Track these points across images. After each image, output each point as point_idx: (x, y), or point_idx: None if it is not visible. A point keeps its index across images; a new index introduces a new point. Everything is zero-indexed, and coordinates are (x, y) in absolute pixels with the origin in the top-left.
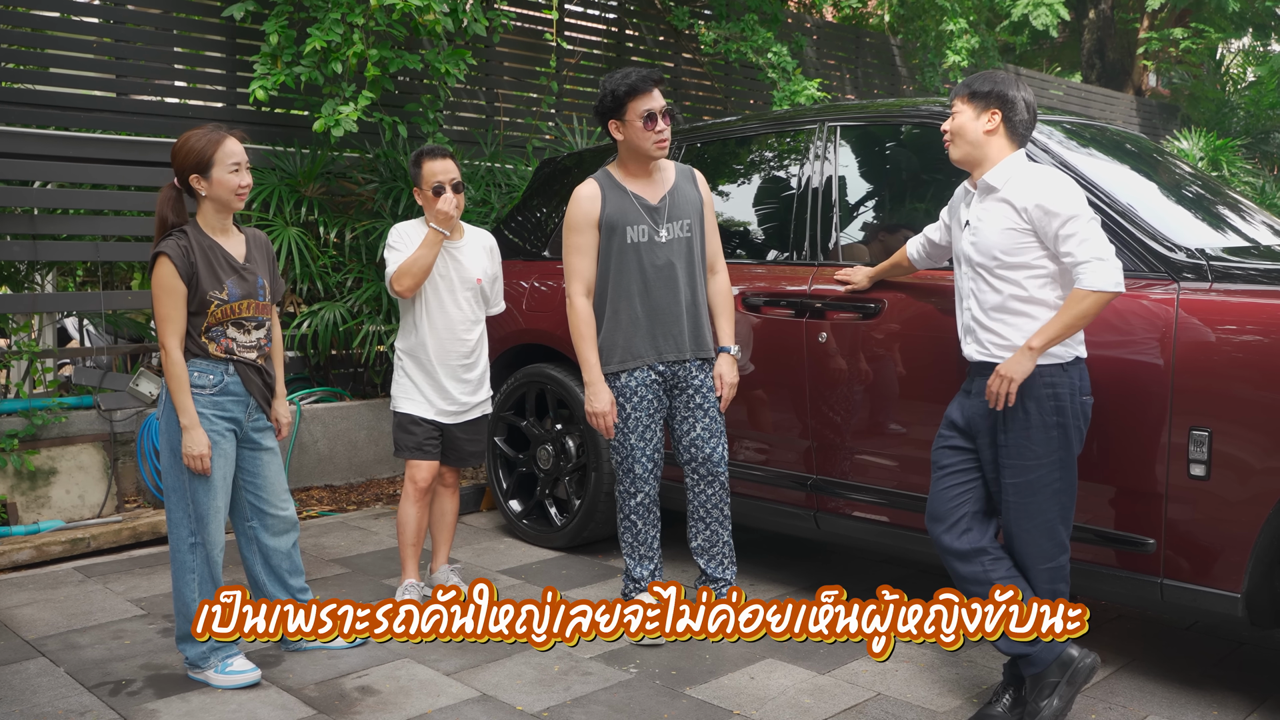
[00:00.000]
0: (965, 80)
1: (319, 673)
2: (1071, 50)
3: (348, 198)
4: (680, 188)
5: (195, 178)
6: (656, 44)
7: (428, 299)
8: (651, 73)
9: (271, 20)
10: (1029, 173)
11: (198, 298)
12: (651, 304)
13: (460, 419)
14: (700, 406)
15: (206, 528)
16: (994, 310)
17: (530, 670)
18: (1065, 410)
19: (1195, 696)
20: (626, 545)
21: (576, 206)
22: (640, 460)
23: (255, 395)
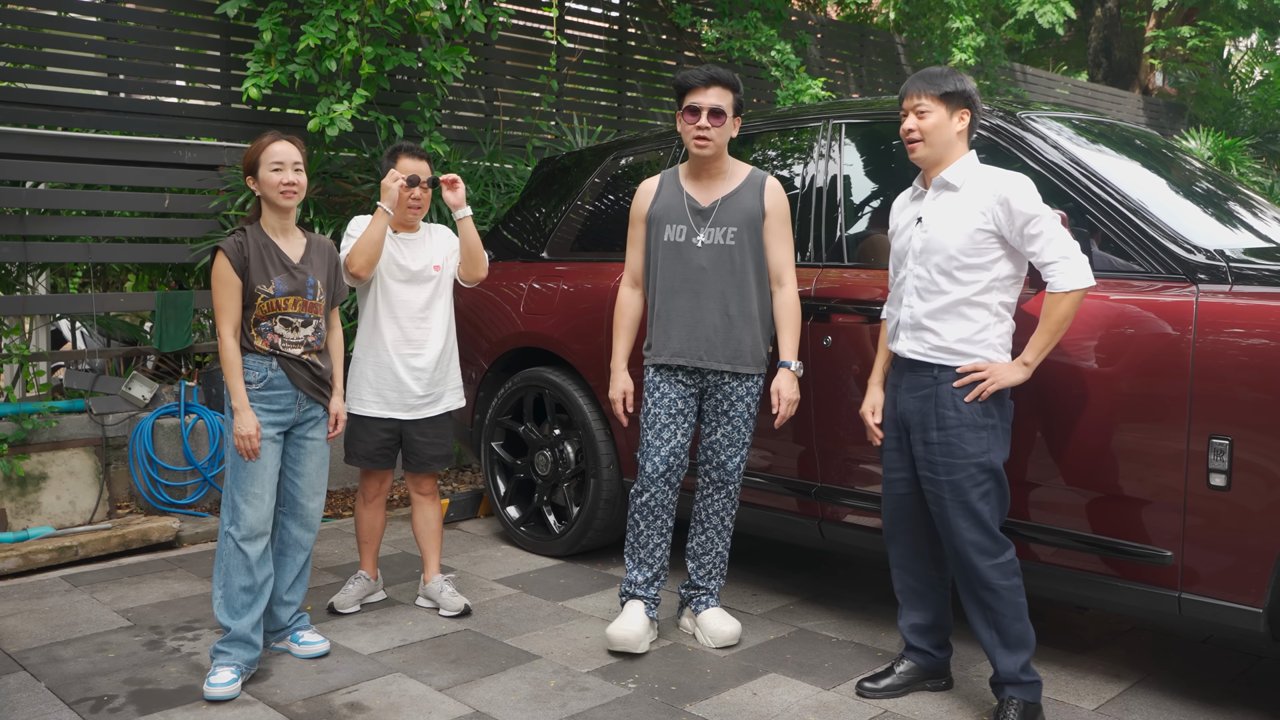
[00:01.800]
0: (922, 77)
1: (307, 688)
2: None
3: (343, 198)
4: (741, 195)
5: (250, 179)
6: (659, 42)
7: (383, 286)
8: (716, 71)
9: (265, 17)
10: (987, 172)
11: (247, 291)
12: (680, 305)
13: (416, 414)
14: (725, 414)
15: (242, 515)
16: (939, 311)
17: (525, 686)
18: (994, 412)
19: (1213, 713)
20: (627, 545)
21: (634, 198)
22: (652, 459)
23: (303, 389)
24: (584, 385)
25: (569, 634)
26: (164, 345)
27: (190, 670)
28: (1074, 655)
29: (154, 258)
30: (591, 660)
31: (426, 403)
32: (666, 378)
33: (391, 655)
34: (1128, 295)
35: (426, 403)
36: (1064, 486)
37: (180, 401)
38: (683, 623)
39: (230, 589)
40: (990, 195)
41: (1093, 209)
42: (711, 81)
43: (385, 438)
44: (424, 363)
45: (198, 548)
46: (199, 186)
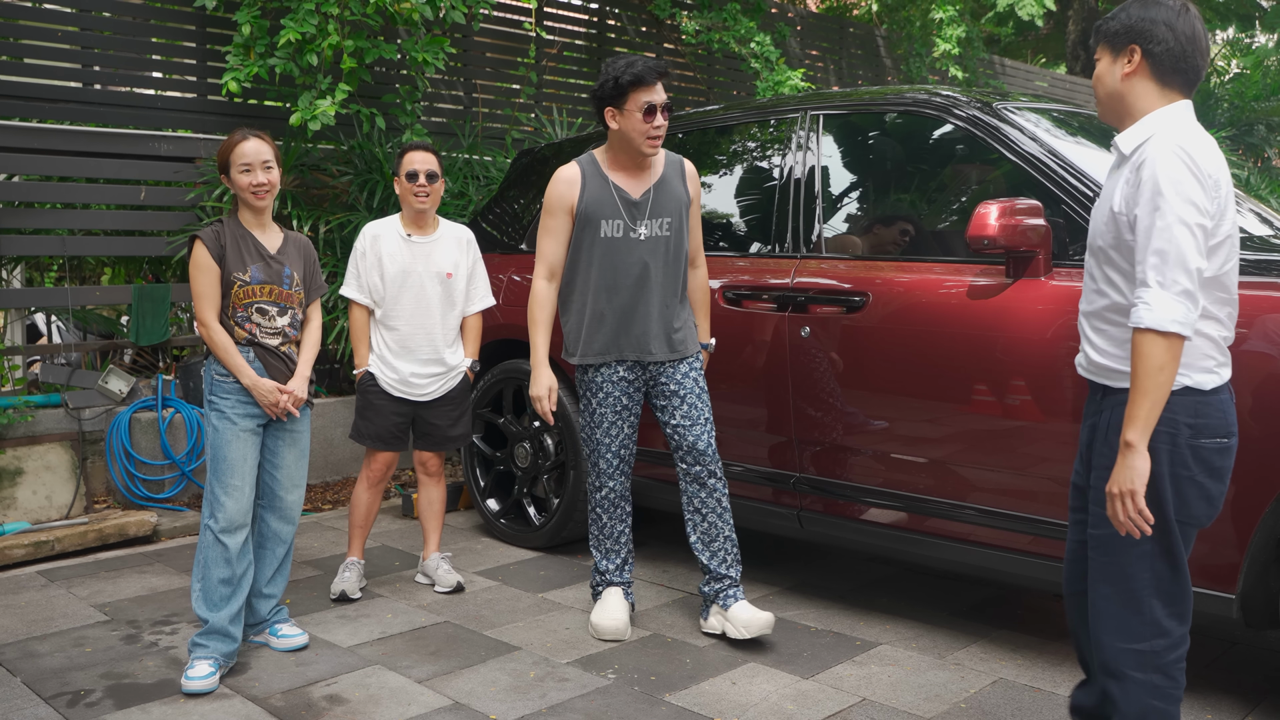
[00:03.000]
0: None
1: (286, 681)
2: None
3: (322, 190)
4: (667, 182)
5: (224, 177)
6: (639, 34)
7: (395, 295)
8: (658, 64)
9: (244, 10)
10: (1167, 134)
11: (224, 278)
12: (620, 303)
13: (425, 399)
14: (676, 394)
15: (222, 506)
16: (1096, 316)
17: (505, 677)
18: (1163, 456)
19: (1189, 699)
20: (593, 538)
21: (554, 188)
22: (605, 455)
23: (279, 379)
24: (563, 377)
25: (549, 625)
26: (141, 339)
27: (168, 664)
28: (1052, 642)
29: (130, 251)
30: (571, 651)
31: (430, 388)
32: (608, 376)
33: (371, 648)
34: None
35: (430, 388)
36: (1035, 474)
37: (158, 395)
38: (709, 623)
39: (209, 581)
40: (1139, 166)
41: (1068, 199)
42: (661, 75)
43: (395, 417)
44: (439, 369)
45: (176, 542)
46: (175, 179)
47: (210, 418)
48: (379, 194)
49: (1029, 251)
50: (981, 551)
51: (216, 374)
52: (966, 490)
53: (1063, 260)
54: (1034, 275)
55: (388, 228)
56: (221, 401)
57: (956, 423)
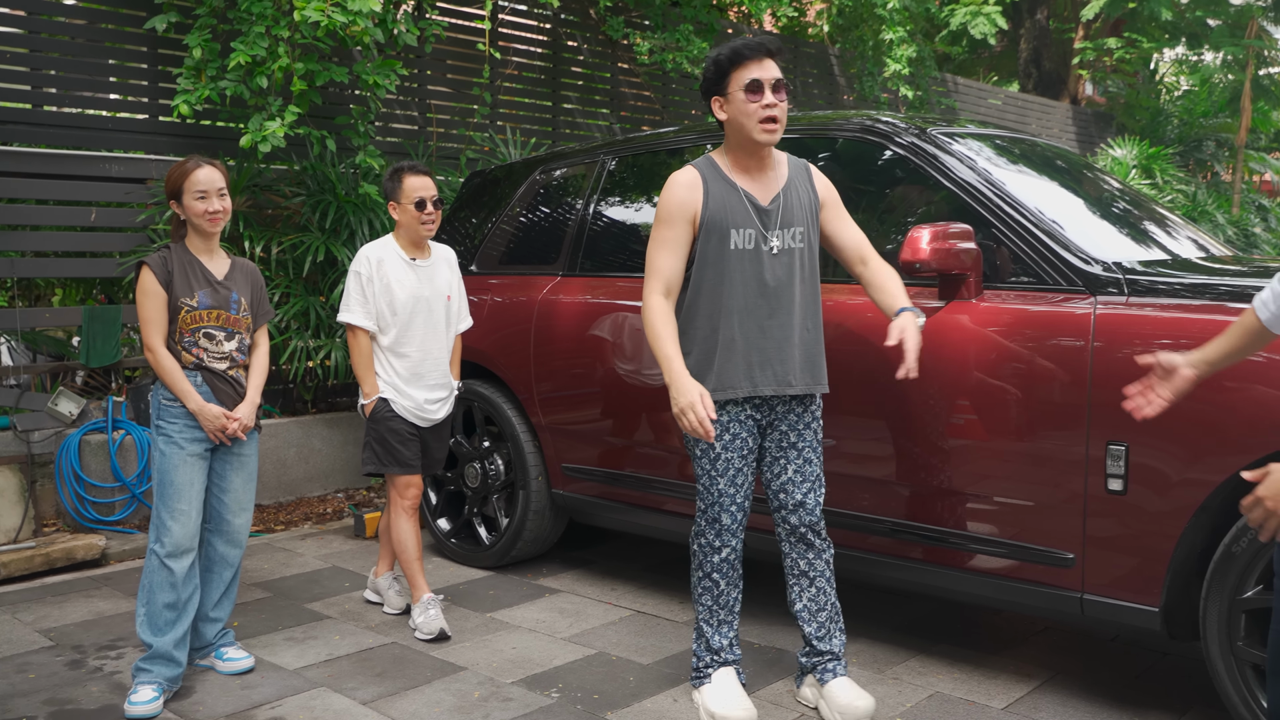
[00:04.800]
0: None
1: (230, 704)
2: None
3: (275, 211)
4: (795, 186)
5: (174, 203)
6: (594, 54)
7: (407, 321)
8: (768, 39)
9: (195, 33)
10: None
11: (171, 304)
12: (754, 327)
13: (433, 423)
14: (794, 446)
15: (168, 531)
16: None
17: (450, 697)
18: None
19: (1119, 709)
20: (704, 609)
21: (671, 195)
22: (729, 509)
23: (227, 404)
24: (512, 398)
25: (496, 645)
26: (91, 360)
27: (112, 689)
28: (987, 656)
29: (81, 272)
30: (517, 670)
31: (445, 410)
32: (735, 415)
33: (317, 670)
34: (1031, 306)
35: (445, 410)
36: (972, 492)
37: (108, 417)
38: (803, 693)
39: (153, 606)
40: None
41: (999, 224)
42: (767, 52)
43: (412, 441)
44: (446, 393)
45: (125, 565)
46: (126, 200)
47: (158, 442)
48: (331, 215)
49: (960, 274)
50: (918, 568)
51: (164, 399)
52: (904, 508)
53: (993, 283)
54: (965, 297)
55: (388, 251)
56: (169, 426)
57: (892, 441)
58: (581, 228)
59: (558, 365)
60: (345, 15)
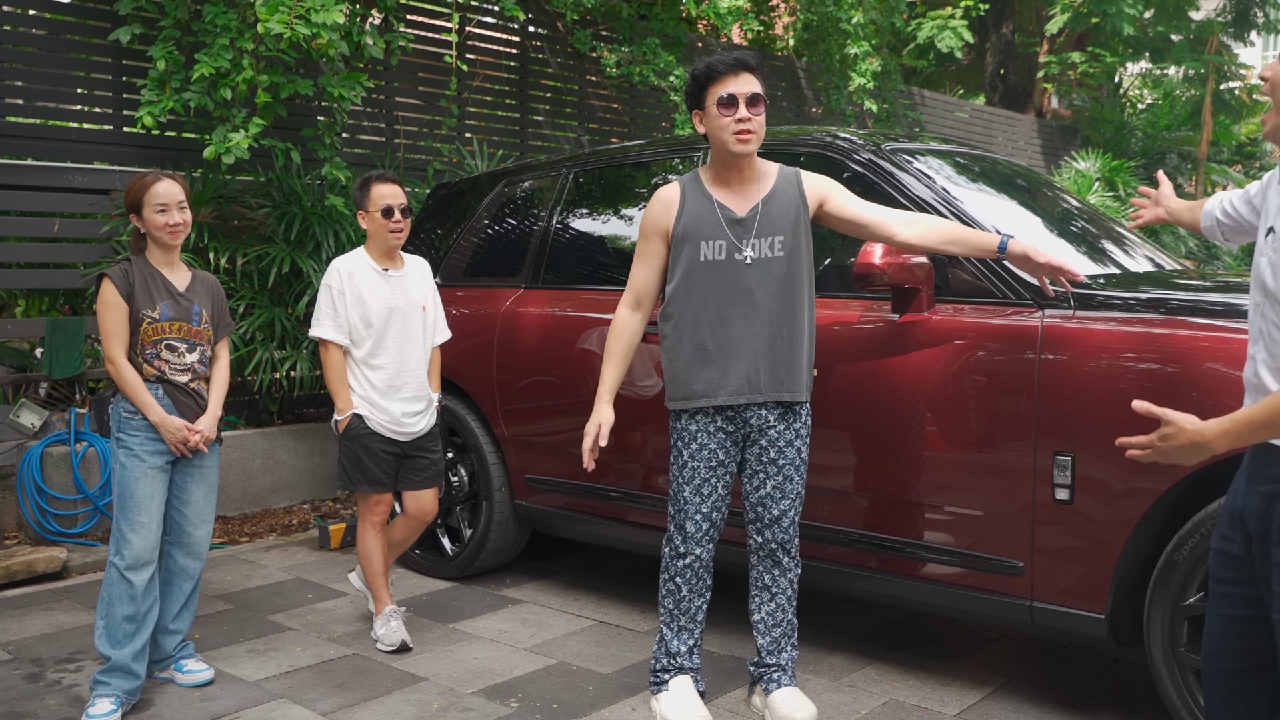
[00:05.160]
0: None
1: (189, 716)
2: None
3: (241, 222)
4: (779, 196)
5: (133, 216)
6: (562, 67)
7: (380, 333)
8: (746, 55)
9: (159, 45)
10: None
11: (132, 316)
12: (722, 335)
13: (412, 436)
14: (774, 462)
15: (128, 543)
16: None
17: (409, 708)
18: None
19: (1068, 714)
20: (665, 612)
21: (648, 210)
22: (694, 517)
23: (188, 416)
24: (476, 410)
25: (457, 655)
26: (54, 372)
27: (70, 702)
28: (942, 663)
29: (44, 283)
30: (478, 681)
31: (425, 422)
32: (704, 425)
33: (277, 681)
34: (982, 319)
35: (425, 422)
36: (926, 502)
37: (71, 429)
38: (754, 702)
39: (112, 618)
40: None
41: None
42: (744, 67)
43: (386, 458)
44: (423, 405)
45: (87, 578)
46: (90, 211)
47: (118, 455)
48: (296, 226)
49: (913, 287)
50: (875, 577)
51: (124, 411)
52: (860, 519)
53: (946, 296)
54: (917, 310)
55: (359, 263)
56: (130, 439)
57: (848, 452)
58: (544, 240)
59: (520, 377)
60: (309, 28)
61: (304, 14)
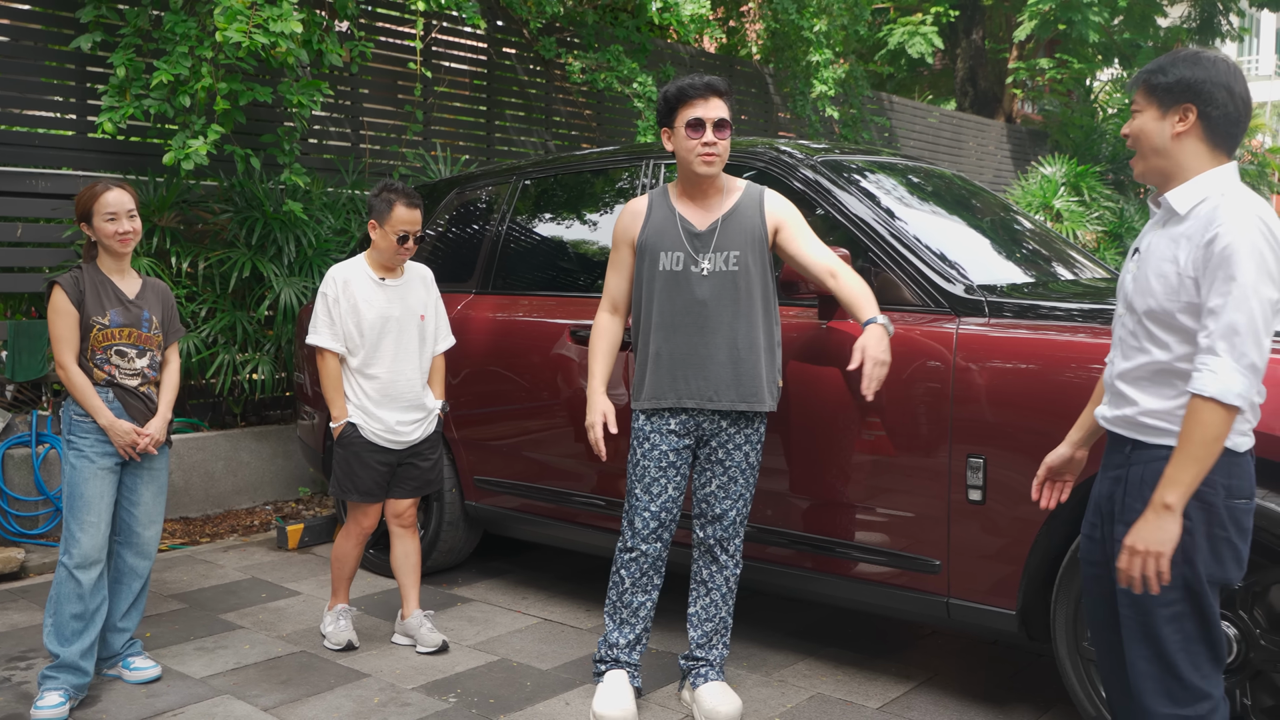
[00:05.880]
0: (1145, 67)
1: (134, 712)
2: (948, 78)
3: (204, 227)
4: (740, 213)
5: (84, 225)
6: (528, 73)
7: (375, 342)
8: (712, 79)
9: (119, 52)
10: (1229, 200)
11: (83, 322)
12: (682, 343)
13: (408, 445)
14: (721, 462)
15: (77, 542)
16: (1137, 373)
17: (349, 703)
18: (1193, 514)
19: (986, 709)
20: (610, 603)
21: (618, 221)
22: (641, 514)
23: (139, 420)
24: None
25: (403, 653)
26: (16, 375)
27: (18, 699)
28: (873, 659)
29: (8, 287)
30: (420, 677)
31: (411, 435)
32: (657, 427)
33: (223, 678)
34: (904, 326)
35: (411, 435)
36: (851, 503)
37: (33, 431)
38: (683, 696)
39: (61, 617)
40: (1206, 228)
41: (877, 249)
42: (713, 91)
43: (380, 468)
44: (420, 414)
45: (44, 578)
46: (54, 215)
47: (68, 456)
48: (258, 231)
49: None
50: (804, 575)
51: (75, 414)
52: (791, 519)
53: None
54: (843, 317)
55: (355, 271)
56: (80, 441)
57: (779, 454)
58: (495, 247)
59: (470, 380)
60: (268, 36)
61: (262, 23)
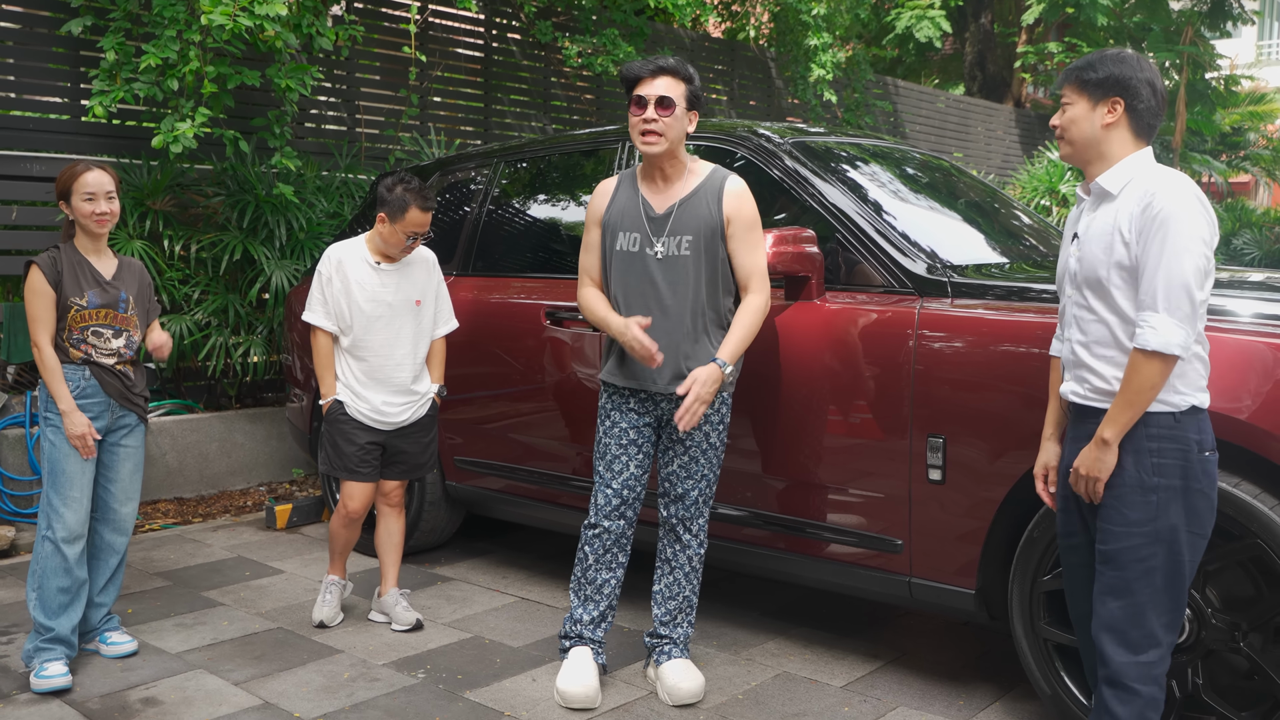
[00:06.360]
0: (1073, 65)
1: (108, 685)
2: (957, 62)
3: (197, 210)
4: (699, 199)
5: (62, 203)
6: (526, 56)
7: (366, 325)
8: (664, 60)
9: (109, 37)
10: (1158, 174)
11: (60, 303)
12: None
13: (397, 426)
14: (680, 441)
15: (61, 517)
16: (1097, 344)
17: (319, 678)
18: (1170, 470)
19: (948, 688)
20: (574, 580)
21: (590, 200)
22: (604, 490)
23: (114, 397)
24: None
25: (377, 630)
26: (12, 356)
27: None
28: (842, 638)
29: (2, 269)
30: (391, 653)
31: (401, 417)
32: (618, 405)
33: (199, 653)
34: (866, 306)
35: (401, 417)
36: (816, 482)
37: (26, 411)
38: (648, 673)
39: (46, 590)
40: (1143, 197)
41: (843, 230)
42: (659, 71)
43: (369, 445)
44: (412, 399)
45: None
46: (48, 199)
47: (46, 433)
48: (249, 214)
49: (804, 276)
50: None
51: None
52: (759, 500)
53: (837, 285)
54: (808, 298)
55: (353, 253)
56: (56, 417)
57: (748, 435)
58: (475, 229)
59: (451, 361)
60: (252, 19)
61: (247, 5)
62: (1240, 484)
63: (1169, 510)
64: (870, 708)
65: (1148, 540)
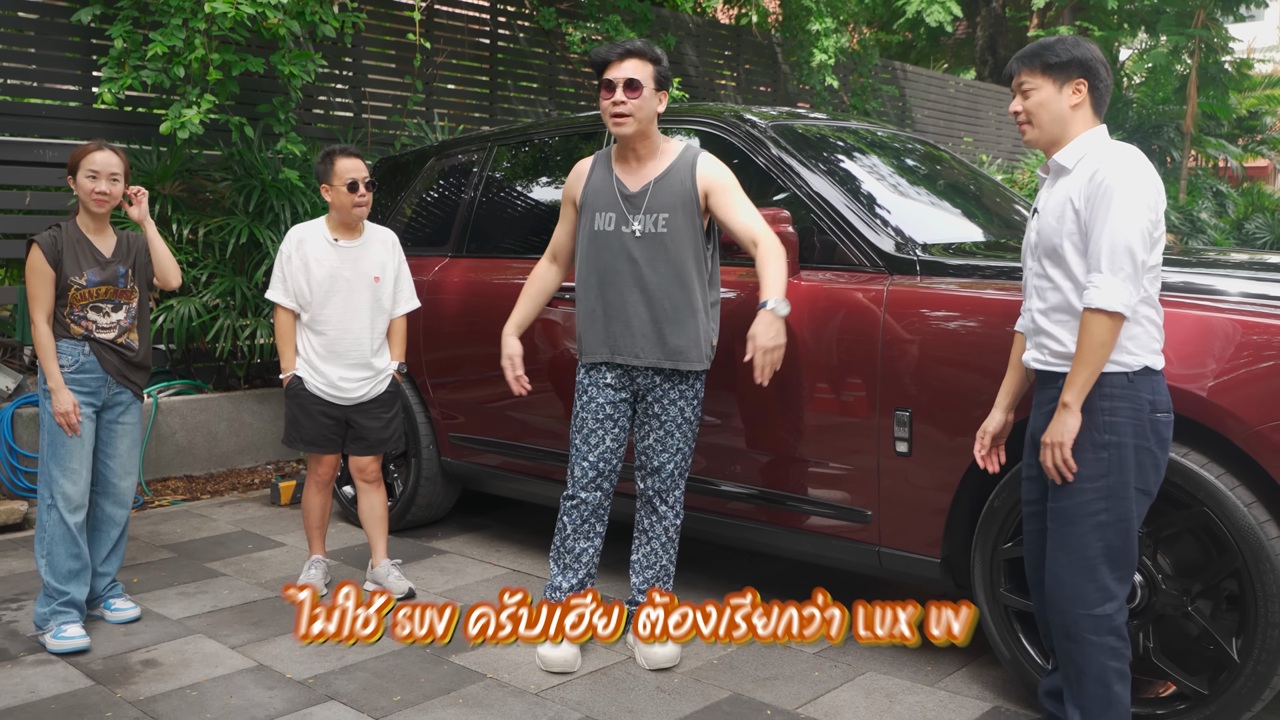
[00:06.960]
0: (1025, 52)
1: (111, 647)
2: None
3: (205, 195)
4: (673, 176)
5: (70, 179)
6: (531, 42)
7: (323, 300)
8: (631, 43)
9: (117, 25)
10: (1108, 148)
11: (60, 282)
12: (615, 300)
13: (354, 401)
14: (656, 416)
15: (62, 489)
16: (1055, 310)
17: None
18: (1122, 428)
19: (916, 654)
20: (554, 549)
21: (568, 178)
22: (580, 463)
23: (112, 374)
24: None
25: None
26: (26, 337)
27: (6, 636)
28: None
29: (18, 254)
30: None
31: (359, 392)
32: (595, 380)
33: (199, 620)
34: (835, 284)
35: (359, 392)
36: (791, 455)
37: (40, 390)
38: (628, 639)
39: (56, 558)
40: (1092, 168)
41: (817, 210)
42: (626, 54)
43: (328, 421)
44: (369, 373)
45: None
46: (61, 184)
47: (45, 406)
48: (255, 198)
49: None
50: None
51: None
52: (737, 473)
53: (812, 264)
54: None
55: (313, 231)
56: None
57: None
58: (469, 211)
59: (444, 341)
60: (254, 6)
61: None
62: (1189, 454)
63: (1120, 467)
64: (840, 672)
65: (1099, 495)
